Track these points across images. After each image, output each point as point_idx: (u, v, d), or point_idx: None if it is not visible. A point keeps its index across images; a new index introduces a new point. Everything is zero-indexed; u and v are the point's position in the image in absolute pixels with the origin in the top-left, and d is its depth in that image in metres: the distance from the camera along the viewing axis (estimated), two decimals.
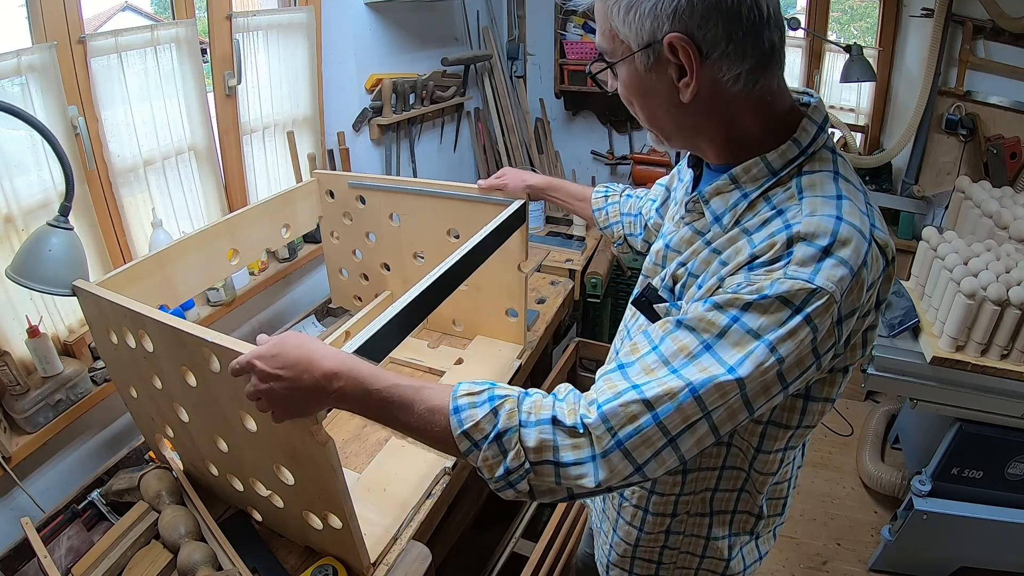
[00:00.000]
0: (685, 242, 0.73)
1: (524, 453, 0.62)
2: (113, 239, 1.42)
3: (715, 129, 0.67)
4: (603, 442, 0.61)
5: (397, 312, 0.85)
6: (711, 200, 0.69)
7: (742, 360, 0.58)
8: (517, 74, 2.97)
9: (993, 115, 2.39)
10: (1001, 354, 1.53)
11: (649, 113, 0.69)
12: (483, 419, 0.63)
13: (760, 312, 0.58)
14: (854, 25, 2.98)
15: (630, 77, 0.66)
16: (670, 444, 0.60)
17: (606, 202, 1.19)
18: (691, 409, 0.59)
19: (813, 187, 0.63)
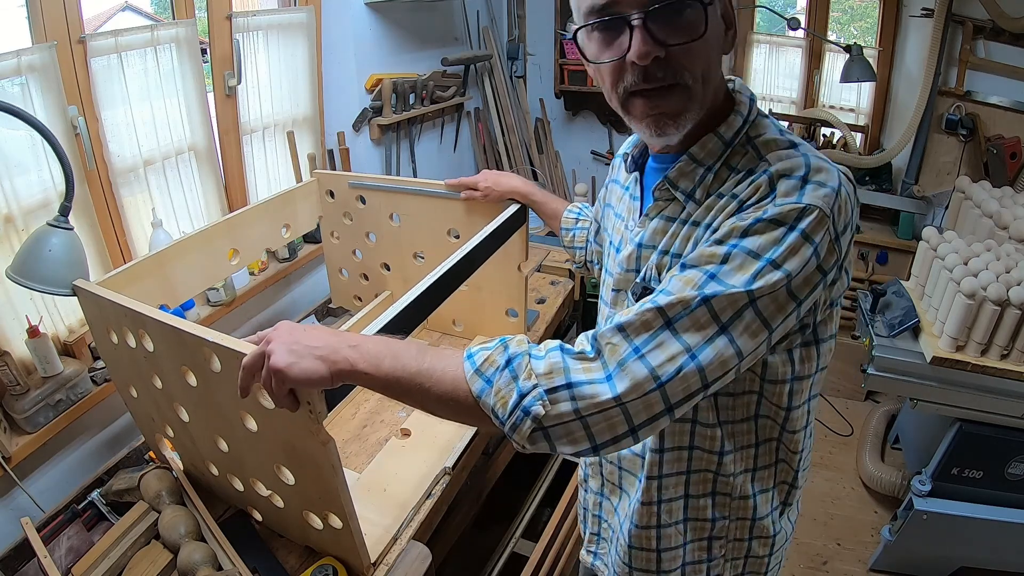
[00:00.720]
0: (659, 233, 0.74)
1: (536, 377, 0.61)
2: (113, 239, 1.42)
3: (714, 94, 0.69)
4: (619, 350, 0.60)
5: (397, 312, 0.85)
6: (679, 182, 0.71)
7: (749, 279, 0.59)
8: (517, 74, 2.97)
9: (993, 115, 2.39)
10: (1001, 354, 1.53)
11: (714, 64, 0.67)
12: (494, 351, 0.64)
13: (758, 235, 0.60)
14: (854, 25, 2.98)
15: (713, 19, 0.64)
16: (688, 354, 0.59)
17: (575, 224, 1.18)
18: (703, 316, 0.59)
19: (768, 145, 0.67)
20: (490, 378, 0.62)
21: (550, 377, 0.60)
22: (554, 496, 1.59)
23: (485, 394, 0.62)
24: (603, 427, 0.60)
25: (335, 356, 0.65)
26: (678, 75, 0.64)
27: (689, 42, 0.62)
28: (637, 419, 0.59)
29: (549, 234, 2.46)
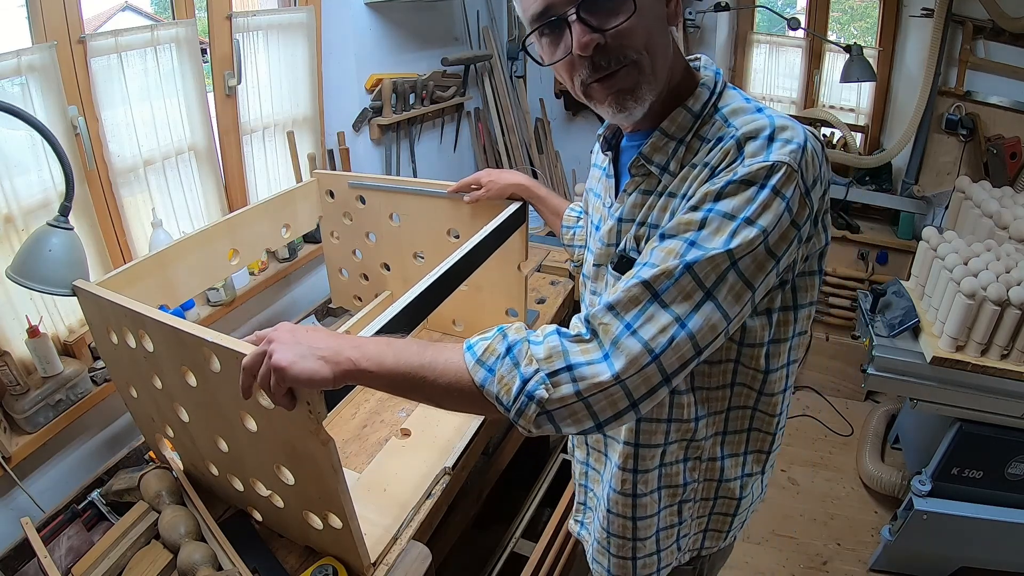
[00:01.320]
0: (636, 207, 0.76)
1: (536, 362, 0.62)
2: (113, 239, 1.42)
3: (671, 70, 0.72)
4: (612, 329, 0.62)
5: (397, 312, 0.85)
6: (653, 156, 0.74)
7: (727, 239, 0.61)
8: (517, 74, 2.97)
9: (993, 115, 2.39)
10: (1001, 354, 1.53)
11: (655, 37, 0.69)
12: (494, 341, 0.65)
13: (730, 197, 0.63)
14: (854, 25, 2.98)
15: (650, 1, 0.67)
16: (678, 323, 0.61)
17: (576, 223, 1.19)
18: (688, 284, 0.61)
19: (735, 112, 0.70)
20: (492, 367, 0.64)
21: (550, 361, 0.62)
22: (554, 496, 1.59)
23: (488, 383, 0.64)
24: (605, 405, 0.62)
25: (338, 357, 0.65)
26: (623, 56, 0.68)
27: (623, 23, 0.66)
28: (637, 393, 0.61)
29: (549, 234, 2.46)
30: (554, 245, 2.33)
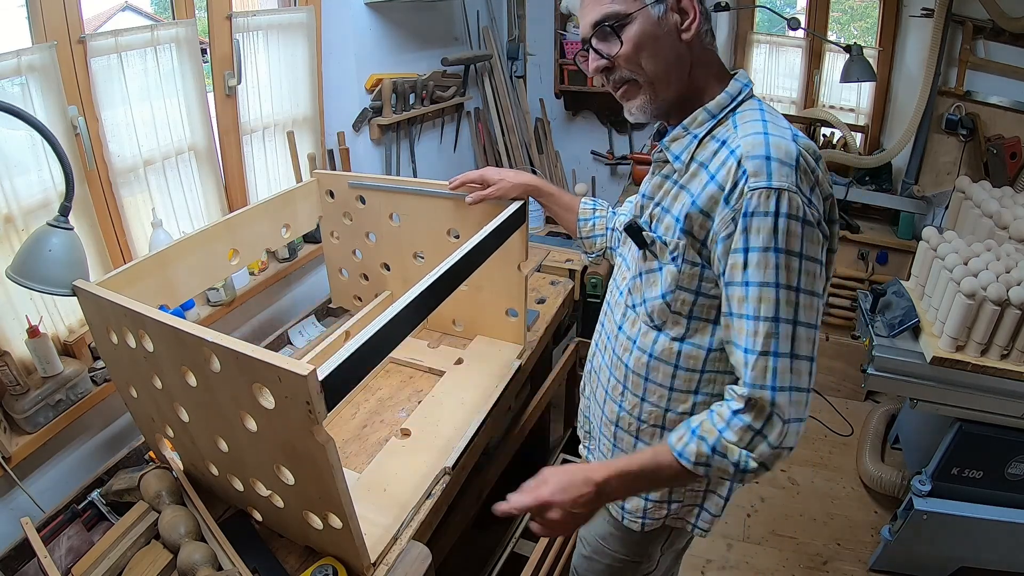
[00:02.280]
0: (656, 187, 0.91)
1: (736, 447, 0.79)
2: (113, 239, 1.42)
3: (693, 79, 0.85)
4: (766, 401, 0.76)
5: (397, 312, 0.85)
6: (671, 147, 0.88)
7: (771, 275, 0.74)
8: (517, 74, 2.97)
9: (993, 115, 2.39)
10: (1001, 354, 1.53)
11: (659, 57, 0.83)
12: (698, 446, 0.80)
13: (759, 262, 0.75)
14: (854, 25, 2.98)
15: (643, 26, 0.81)
16: (804, 359, 0.77)
17: (593, 214, 1.25)
18: (805, 342, 0.77)
19: (743, 118, 0.82)
20: (708, 464, 0.80)
21: (743, 440, 0.78)
22: None
23: (711, 471, 0.81)
24: (791, 439, 0.78)
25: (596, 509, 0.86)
26: (623, 75, 0.85)
27: (618, 52, 0.83)
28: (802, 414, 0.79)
29: (549, 234, 2.47)
30: (554, 245, 2.33)
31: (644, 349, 0.92)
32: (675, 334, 0.89)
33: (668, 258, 0.85)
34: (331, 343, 1.36)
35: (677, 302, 0.86)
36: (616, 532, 1.11)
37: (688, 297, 0.86)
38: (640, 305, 0.92)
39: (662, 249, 0.86)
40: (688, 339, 0.88)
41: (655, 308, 0.89)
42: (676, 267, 0.84)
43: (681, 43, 0.82)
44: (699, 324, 0.87)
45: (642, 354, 0.93)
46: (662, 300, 0.87)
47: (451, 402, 1.33)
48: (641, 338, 0.92)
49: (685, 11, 0.81)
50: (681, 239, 0.82)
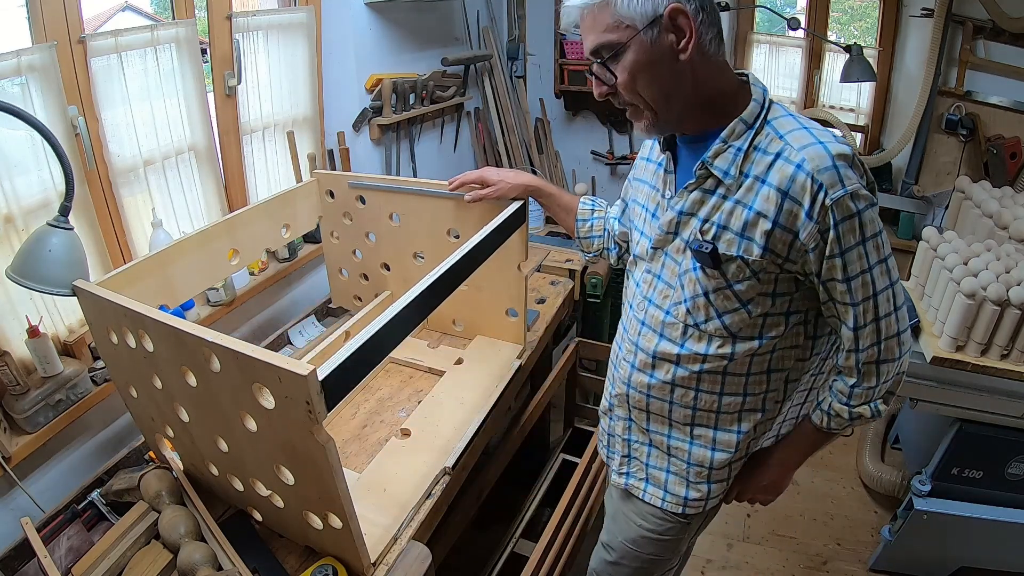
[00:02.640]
0: (697, 203, 0.90)
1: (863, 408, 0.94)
2: (113, 239, 1.42)
3: (702, 90, 0.85)
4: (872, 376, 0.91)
5: (397, 312, 0.85)
6: (715, 161, 0.86)
7: (865, 263, 0.83)
8: (517, 74, 2.97)
9: (993, 115, 2.39)
10: (1001, 354, 1.53)
11: (656, 83, 0.84)
12: (838, 423, 0.97)
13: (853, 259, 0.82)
14: (854, 25, 2.98)
15: (638, 54, 0.81)
16: (902, 307, 0.89)
17: (591, 215, 1.26)
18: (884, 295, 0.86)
19: (783, 126, 0.84)
20: (850, 426, 0.97)
21: (866, 398, 0.93)
22: (554, 496, 1.59)
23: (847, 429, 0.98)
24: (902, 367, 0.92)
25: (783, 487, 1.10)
26: (623, 99, 0.88)
27: (617, 81, 0.85)
28: (910, 342, 0.92)
29: (549, 234, 2.47)
30: (554, 245, 2.33)
31: (723, 358, 0.94)
32: (749, 332, 0.92)
33: (747, 273, 0.86)
34: (331, 343, 1.36)
35: (758, 309, 0.89)
36: (648, 534, 1.13)
37: (768, 302, 0.89)
38: (711, 320, 0.92)
39: (740, 267, 0.86)
40: (767, 334, 0.92)
41: (734, 320, 0.91)
42: (757, 280, 0.87)
43: (679, 62, 0.81)
44: (774, 320, 0.91)
45: (720, 361, 0.94)
46: (744, 311, 0.89)
47: (451, 402, 1.33)
48: (716, 349, 0.93)
49: (681, 29, 0.80)
50: (764, 256, 0.84)
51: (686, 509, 1.08)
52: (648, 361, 1.00)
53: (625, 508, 1.16)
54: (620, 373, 1.06)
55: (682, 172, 0.94)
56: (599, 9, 0.82)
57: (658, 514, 1.10)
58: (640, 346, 1.01)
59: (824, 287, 0.86)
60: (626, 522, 1.16)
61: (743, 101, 0.86)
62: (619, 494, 1.18)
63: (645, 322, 1.00)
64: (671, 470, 1.07)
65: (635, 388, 1.04)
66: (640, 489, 1.11)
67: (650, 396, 1.02)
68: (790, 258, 0.84)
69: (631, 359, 1.03)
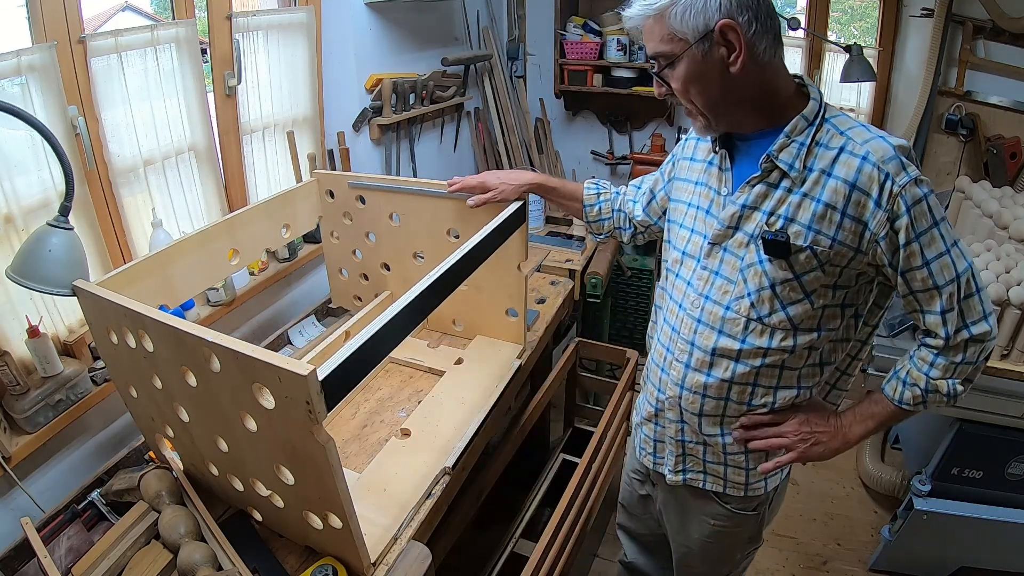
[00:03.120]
0: (761, 196, 0.92)
1: (941, 382, 0.93)
2: (113, 239, 1.42)
3: (756, 95, 0.89)
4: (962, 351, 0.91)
5: (397, 312, 0.85)
6: (780, 155, 0.89)
7: (941, 246, 0.86)
8: (517, 74, 2.97)
9: (993, 115, 2.39)
10: (1001, 354, 1.53)
11: (707, 93, 0.88)
12: (911, 394, 0.95)
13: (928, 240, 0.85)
14: (854, 25, 2.98)
15: (690, 66, 0.86)
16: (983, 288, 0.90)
17: (598, 199, 1.30)
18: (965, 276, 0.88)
19: (842, 124, 0.88)
20: (924, 401, 0.95)
21: (948, 373, 0.93)
22: (554, 496, 1.59)
23: (928, 406, 0.96)
24: (986, 352, 0.92)
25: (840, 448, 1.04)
26: (681, 102, 0.92)
27: (673, 86, 0.90)
28: (996, 328, 0.92)
29: (549, 234, 2.47)
30: (554, 245, 2.33)
31: (784, 351, 0.96)
32: (809, 325, 0.94)
33: (815, 263, 0.89)
34: (331, 343, 1.36)
35: (820, 301, 0.92)
36: (720, 528, 1.16)
37: (830, 294, 0.92)
38: (776, 313, 0.93)
39: (809, 258, 0.88)
40: (825, 326, 0.95)
41: (798, 313, 0.93)
42: (823, 271, 0.89)
43: (730, 74, 0.85)
44: (832, 312, 0.94)
45: (781, 354, 0.96)
46: (808, 302, 0.92)
47: (451, 402, 1.33)
48: (779, 342, 0.95)
49: (731, 44, 0.83)
50: (834, 248, 0.87)
51: (748, 492, 1.10)
52: (706, 359, 1.00)
53: (692, 506, 1.18)
54: (672, 376, 1.06)
55: (738, 170, 0.97)
56: (655, 20, 0.86)
57: (724, 511, 1.13)
58: (697, 344, 1.00)
59: (903, 278, 0.88)
60: (698, 523, 1.18)
61: (800, 100, 0.90)
62: (682, 493, 1.18)
63: (702, 320, 1.00)
64: (729, 464, 1.09)
65: (689, 389, 1.03)
66: (700, 480, 1.13)
67: (705, 396, 1.02)
68: (861, 249, 0.87)
69: (685, 359, 1.03)
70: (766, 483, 1.10)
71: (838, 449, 1.02)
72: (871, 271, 0.91)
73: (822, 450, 1.02)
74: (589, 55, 2.81)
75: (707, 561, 1.25)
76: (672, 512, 1.24)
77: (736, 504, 1.12)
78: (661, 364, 1.08)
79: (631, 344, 3.12)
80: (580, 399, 2.19)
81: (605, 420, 1.66)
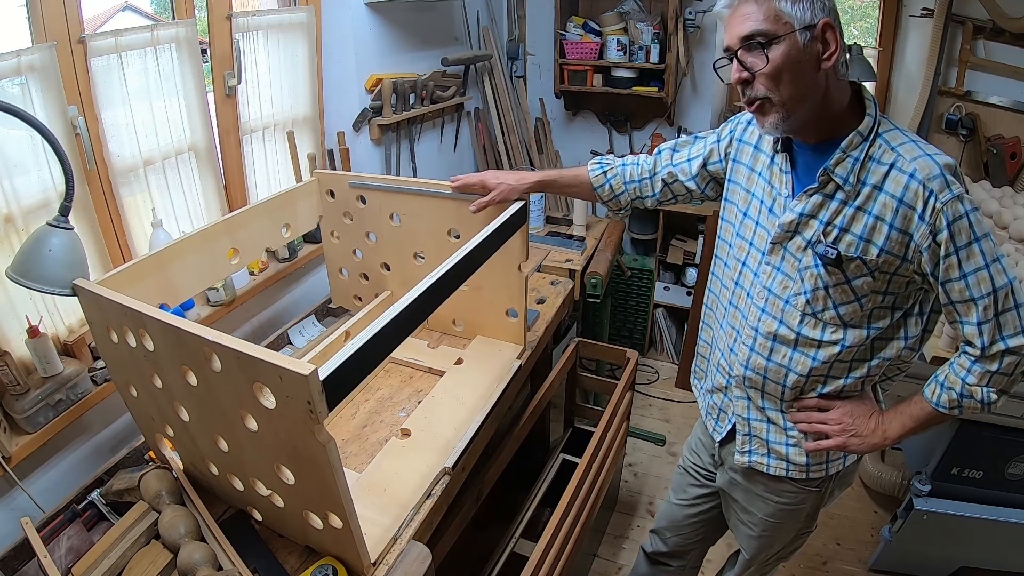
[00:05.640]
0: (817, 206, 0.98)
1: (976, 388, 0.97)
2: (113, 239, 1.42)
3: (824, 103, 0.92)
4: (999, 359, 0.95)
5: (398, 312, 0.85)
6: (836, 169, 0.94)
7: (980, 260, 0.90)
8: (517, 74, 2.97)
9: (993, 115, 2.39)
10: None
11: (796, 83, 0.90)
12: (948, 397, 0.99)
13: (970, 255, 0.90)
14: (854, 25, 2.98)
15: (790, 48, 0.88)
16: None
17: (606, 177, 1.30)
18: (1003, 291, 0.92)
19: (894, 139, 0.93)
20: (959, 406, 1.00)
21: (983, 380, 0.97)
22: (554, 496, 1.59)
23: (964, 412, 1.01)
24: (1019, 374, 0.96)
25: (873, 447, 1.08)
26: (759, 91, 0.92)
27: (761, 69, 0.90)
28: None
29: (549, 234, 2.47)
30: (554, 245, 2.33)
31: (834, 343, 1.02)
32: (858, 322, 1.01)
33: (865, 271, 0.95)
34: (331, 343, 1.36)
35: (869, 303, 0.99)
36: (785, 506, 1.20)
37: (879, 298, 0.99)
38: (828, 310, 1.01)
39: (859, 266, 0.95)
40: (873, 324, 1.01)
41: (848, 312, 1.00)
42: (872, 278, 0.96)
43: (819, 72, 0.89)
44: (880, 312, 1.01)
45: (830, 347, 1.03)
46: (857, 304, 0.99)
47: (451, 402, 1.33)
48: (829, 335, 1.02)
49: (828, 43, 0.88)
50: (882, 256, 0.93)
51: (809, 473, 1.14)
52: (767, 345, 1.08)
53: (756, 487, 1.23)
54: (739, 356, 1.13)
55: (800, 175, 1.02)
56: (759, 2, 0.89)
57: (788, 486, 1.18)
58: (760, 331, 1.08)
59: (943, 288, 0.93)
60: (762, 500, 1.23)
61: (858, 115, 0.94)
62: (741, 476, 1.25)
63: (765, 309, 1.07)
64: (789, 443, 1.14)
65: (753, 370, 1.11)
66: (764, 464, 1.17)
67: (766, 378, 1.10)
68: (907, 258, 0.93)
69: (750, 343, 1.10)
70: (827, 467, 1.14)
71: (877, 444, 1.07)
72: (918, 279, 0.96)
73: (860, 442, 1.07)
74: (589, 55, 2.81)
75: (765, 541, 1.29)
76: (739, 491, 1.28)
77: (800, 482, 1.18)
78: (731, 345, 1.16)
79: (631, 344, 3.12)
80: (580, 399, 2.19)
81: (605, 420, 1.66)
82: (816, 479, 1.16)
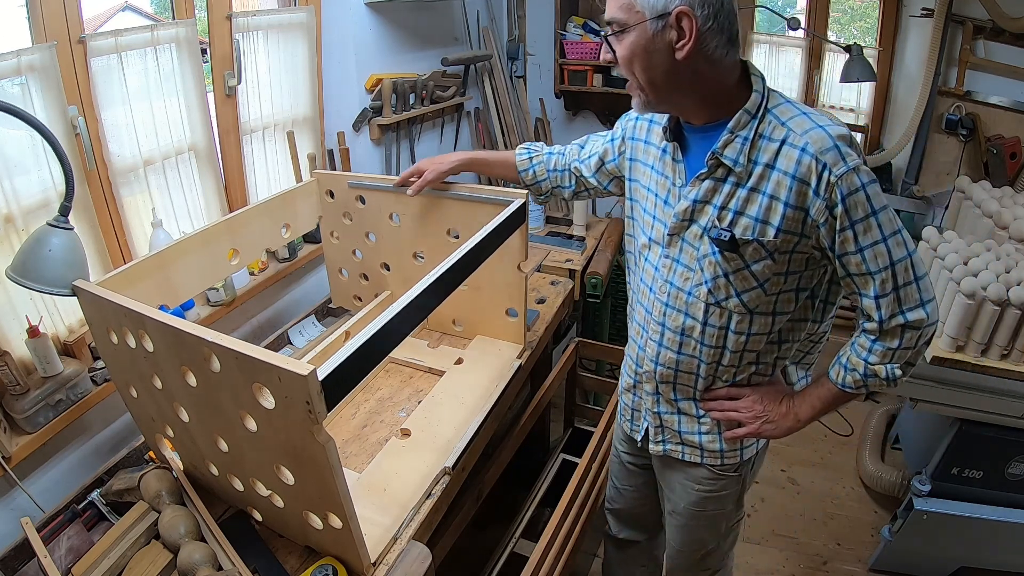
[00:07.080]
0: (710, 191, 0.96)
1: (879, 367, 0.96)
2: (113, 239, 1.42)
3: (698, 87, 0.90)
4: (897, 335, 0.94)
5: (397, 312, 0.85)
6: (724, 151, 0.92)
7: (877, 234, 0.88)
8: (517, 74, 2.97)
9: (993, 115, 2.39)
10: (1001, 354, 1.53)
11: (649, 71, 0.89)
12: (852, 378, 0.99)
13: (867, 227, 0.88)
14: (854, 25, 2.98)
15: (639, 38, 0.87)
16: (924, 276, 0.92)
17: (531, 163, 1.34)
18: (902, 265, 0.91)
19: (784, 114, 0.90)
20: (864, 385, 0.99)
21: (885, 358, 0.96)
22: (554, 496, 1.59)
23: (871, 390, 1.00)
24: (924, 339, 0.94)
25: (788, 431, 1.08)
26: (624, 75, 0.94)
27: (617, 54, 0.91)
28: (936, 316, 0.94)
29: (549, 234, 2.47)
30: (554, 245, 2.33)
31: (742, 332, 1.01)
32: (764, 308, 0.99)
33: (763, 253, 0.93)
34: (331, 343, 1.36)
35: (773, 287, 0.97)
36: (706, 493, 1.20)
37: (781, 280, 0.96)
38: (731, 298, 0.99)
39: (756, 249, 0.93)
40: (779, 310, 1.00)
41: (751, 298, 0.98)
42: (772, 260, 0.94)
43: (675, 60, 0.86)
44: (786, 296, 0.99)
45: (739, 336, 1.02)
46: (760, 289, 0.97)
47: (451, 402, 1.33)
48: (736, 325, 1.01)
49: (683, 31, 0.85)
50: (779, 236, 0.91)
51: (724, 460, 1.15)
52: (675, 339, 1.07)
53: (677, 476, 1.23)
54: (648, 353, 1.13)
55: (691, 161, 1.00)
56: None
57: (705, 472, 1.18)
58: (667, 326, 1.07)
59: (840, 262, 0.92)
60: (683, 489, 1.23)
61: (745, 93, 0.91)
62: (661, 463, 1.26)
63: (669, 303, 1.06)
64: (702, 431, 1.14)
65: (663, 365, 1.11)
66: (678, 452, 1.18)
67: (678, 371, 1.10)
68: (805, 234, 0.91)
69: (657, 338, 1.10)
70: (741, 452, 1.15)
71: (791, 428, 1.07)
72: (817, 254, 0.94)
73: (774, 428, 1.07)
74: (589, 55, 2.81)
75: (695, 531, 1.28)
76: (663, 479, 1.29)
77: (717, 467, 1.18)
78: (638, 341, 1.16)
79: None
80: (580, 399, 2.19)
81: (605, 420, 1.66)
82: (732, 464, 1.16)
